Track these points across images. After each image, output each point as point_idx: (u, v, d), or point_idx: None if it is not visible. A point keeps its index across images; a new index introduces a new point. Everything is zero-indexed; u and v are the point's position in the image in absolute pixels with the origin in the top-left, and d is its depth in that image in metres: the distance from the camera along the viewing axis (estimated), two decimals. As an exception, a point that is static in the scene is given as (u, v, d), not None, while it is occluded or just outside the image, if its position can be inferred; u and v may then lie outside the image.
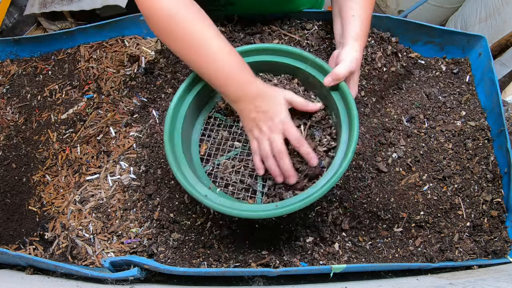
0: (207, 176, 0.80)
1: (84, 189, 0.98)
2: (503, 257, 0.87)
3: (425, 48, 1.08)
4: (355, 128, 0.70)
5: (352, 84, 0.78)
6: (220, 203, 0.71)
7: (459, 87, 1.04)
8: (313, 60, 0.78)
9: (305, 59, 0.80)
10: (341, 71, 0.74)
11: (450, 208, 0.90)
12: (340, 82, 0.75)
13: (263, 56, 0.82)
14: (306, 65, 0.80)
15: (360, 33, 0.78)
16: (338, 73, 0.74)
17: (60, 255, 0.91)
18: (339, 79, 0.74)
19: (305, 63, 0.80)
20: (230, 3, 0.97)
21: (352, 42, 0.77)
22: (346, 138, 0.73)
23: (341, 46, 0.80)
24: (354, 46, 0.77)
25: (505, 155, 0.91)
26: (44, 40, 1.16)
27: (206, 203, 0.70)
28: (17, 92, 1.14)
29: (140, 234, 0.89)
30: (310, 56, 0.78)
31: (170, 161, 0.73)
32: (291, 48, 0.80)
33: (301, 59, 0.80)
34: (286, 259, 0.82)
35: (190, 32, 0.68)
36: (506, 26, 1.62)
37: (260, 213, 0.69)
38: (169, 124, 0.76)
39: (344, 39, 0.80)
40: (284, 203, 0.70)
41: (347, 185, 0.89)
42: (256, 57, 0.82)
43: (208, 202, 0.70)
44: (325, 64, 0.77)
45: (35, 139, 1.07)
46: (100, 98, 1.09)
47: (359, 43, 0.77)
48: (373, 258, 0.86)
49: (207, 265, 0.82)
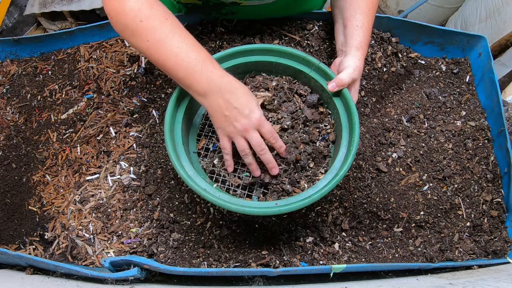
0: (203, 172, 0.80)
1: (84, 189, 0.98)
2: (503, 257, 0.87)
3: (425, 48, 1.08)
4: (356, 133, 0.72)
5: (353, 91, 0.80)
6: (220, 197, 0.71)
7: (459, 87, 1.04)
8: (317, 65, 0.79)
9: (309, 64, 0.81)
10: (345, 77, 0.76)
11: (450, 208, 0.90)
12: (343, 88, 0.77)
13: (266, 56, 0.83)
14: (310, 70, 0.81)
15: (362, 42, 0.80)
16: (342, 79, 0.76)
17: (60, 255, 0.91)
18: (343, 85, 0.76)
19: (309, 68, 0.81)
20: (232, 12, 0.98)
21: (355, 51, 0.79)
22: (346, 142, 0.75)
23: (343, 54, 0.82)
24: (357, 55, 0.79)
25: (505, 155, 0.91)
26: (44, 40, 1.16)
27: (205, 197, 0.70)
28: (17, 92, 1.14)
29: (140, 234, 0.89)
30: (315, 61, 0.79)
31: (169, 152, 0.72)
32: (296, 51, 0.81)
33: (305, 63, 0.81)
34: (286, 259, 0.82)
35: (153, 30, 0.67)
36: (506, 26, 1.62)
37: (259, 210, 0.69)
38: (170, 115, 0.75)
39: (346, 47, 0.81)
40: (284, 202, 0.71)
41: (347, 185, 0.89)
42: (259, 57, 0.83)
43: (207, 196, 0.70)
44: (329, 70, 0.79)
45: (35, 139, 1.07)
46: (100, 98, 1.09)
47: (361, 52, 0.79)
48: (373, 258, 0.86)
49: (207, 265, 0.82)
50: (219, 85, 0.68)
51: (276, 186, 0.75)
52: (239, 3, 0.91)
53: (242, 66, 0.83)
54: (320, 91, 0.82)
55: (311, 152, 0.78)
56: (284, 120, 0.79)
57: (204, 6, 0.97)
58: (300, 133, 0.79)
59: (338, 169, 0.72)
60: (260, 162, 0.75)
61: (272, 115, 0.79)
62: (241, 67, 0.83)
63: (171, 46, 0.68)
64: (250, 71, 0.86)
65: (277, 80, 0.84)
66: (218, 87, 0.68)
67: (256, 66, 0.84)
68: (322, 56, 1.00)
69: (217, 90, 0.68)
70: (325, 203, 0.87)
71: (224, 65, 0.81)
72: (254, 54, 0.82)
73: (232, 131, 0.70)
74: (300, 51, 0.82)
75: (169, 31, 0.68)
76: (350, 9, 0.82)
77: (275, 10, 0.97)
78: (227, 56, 0.81)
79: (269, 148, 0.73)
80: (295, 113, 0.81)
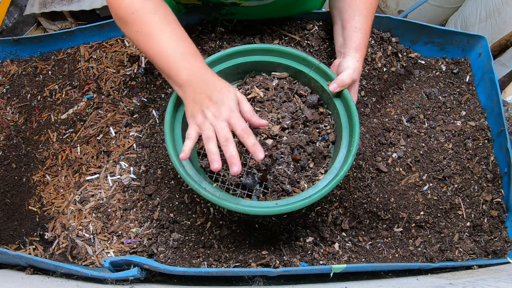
0: (203, 171, 0.79)
1: (84, 189, 0.98)
2: (503, 257, 0.87)
3: (425, 48, 1.08)
4: (356, 133, 0.73)
5: (352, 92, 0.80)
6: (220, 196, 0.71)
7: (459, 87, 1.04)
8: (317, 65, 0.80)
9: (309, 64, 0.81)
10: (346, 78, 0.76)
11: (450, 208, 0.90)
12: (344, 89, 0.77)
13: (267, 56, 0.83)
14: (310, 70, 0.81)
15: (361, 44, 0.80)
16: (343, 79, 0.76)
17: (60, 255, 0.91)
18: (344, 85, 0.77)
19: (309, 68, 0.81)
20: (231, 13, 0.98)
21: (354, 53, 0.79)
22: (346, 143, 0.75)
23: (342, 56, 0.82)
24: (356, 57, 0.79)
25: (505, 155, 0.91)
26: (44, 40, 1.16)
27: (205, 196, 0.69)
28: (17, 92, 1.14)
29: (140, 234, 0.89)
30: (315, 61, 0.80)
31: (170, 152, 0.71)
32: (296, 52, 0.81)
33: (305, 64, 0.82)
34: (286, 259, 0.82)
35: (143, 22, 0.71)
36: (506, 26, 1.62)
37: (259, 209, 0.69)
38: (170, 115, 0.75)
39: (345, 49, 0.82)
40: (284, 202, 0.71)
41: (347, 185, 0.89)
42: (259, 57, 0.83)
43: (207, 195, 0.69)
44: (329, 70, 0.79)
45: (35, 139, 1.07)
46: (100, 98, 1.09)
47: (360, 54, 0.80)
48: (373, 258, 0.86)
49: (207, 265, 0.82)
50: (197, 77, 0.69)
51: (276, 186, 0.75)
52: (239, 3, 0.91)
53: (242, 65, 0.83)
54: (320, 92, 0.82)
55: (311, 152, 0.78)
56: (284, 120, 0.79)
57: (204, 6, 0.98)
58: (300, 133, 0.79)
59: (338, 169, 0.72)
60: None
61: (272, 115, 0.79)
62: (241, 66, 0.83)
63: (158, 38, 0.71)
64: (250, 71, 0.86)
65: (277, 80, 0.84)
66: (196, 79, 0.69)
67: (256, 66, 0.84)
68: (322, 56, 1.00)
69: (195, 81, 0.69)
70: (325, 203, 0.87)
71: (224, 65, 0.82)
72: (254, 54, 0.82)
73: (201, 119, 0.69)
74: (300, 51, 0.82)
75: (158, 24, 0.71)
76: (349, 10, 0.83)
77: (274, 10, 0.97)
78: (227, 56, 0.81)
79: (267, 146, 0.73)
80: (295, 113, 0.81)
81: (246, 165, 0.77)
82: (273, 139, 0.78)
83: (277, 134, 0.78)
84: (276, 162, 0.76)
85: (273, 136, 0.78)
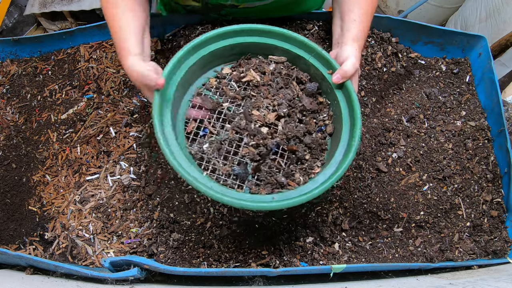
0: (192, 158, 0.72)
1: (84, 189, 0.98)
2: (503, 257, 0.87)
3: (425, 48, 1.08)
4: (358, 127, 0.68)
5: (354, 82, 0.77)
6: (211, 187, 0.65)
7: (459, 87, 1.04)
8: (319, 52, 0.74)
9: (310, 49, 0.76)
10: (350, 68, 0.72)
11: (450, 208, 0.90)
12: (347, 80, 0.73)
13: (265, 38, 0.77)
14: (310, 56, 0.76)
15: (359, 36, 0.77)
16: (346, 70, 0.72)
17: (60, 255, 0.91)
18: (347, 76, 0.73)
19: (309, 54, 0.76)
20: (231, 14, 0.98)
21: (352, 42, 0.76)
22: (347, 137, 0.70)
23: (339, 46, 0.79)
24: (354, 46, 0.76)
25: (505, 155, 0.92)
26: (44, 40, 1.16)
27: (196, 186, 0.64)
28: (17, 92, 1.14)
29: (140, 234, 0.89)
30: (316, 47, 0.74)
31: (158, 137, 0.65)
32: (297, 35, 0.76)
33: (305, 49, 0.76)
34: (286, 259, 0.82)
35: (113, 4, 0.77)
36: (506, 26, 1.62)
37: (255, 204, 0.64)
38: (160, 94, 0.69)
39: (343, 38, 0.79)
40: (282, 196, 0.66)
41: (347, 185, 0.89)
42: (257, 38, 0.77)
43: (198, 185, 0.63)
44: (330, 58, 0.74)
45: (35, 139, 1.07)
46: (100, 98, 1.09)
47: (358, 44, 0.77)
48: (373, 258, 0.86)
49: (207, 265, 0.82)
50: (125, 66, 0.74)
51: (270, 178, 0.70)
52: (238, 5, 0.91)
53: (237, 46, 0.77)
54: (320, 80, 0.77)
55: (310, 143, 0.73)
56: (280, 108, 0.73)
57: (203, 8, 0.98)
58: (296, 123, 0.74)
59: (338, 163, 0.68)
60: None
61: (268, 101, 0.75)
62: (236, 47, 0.77)
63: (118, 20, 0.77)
64: (245, 53, 0.80)
65: (274, 64, 0.79)
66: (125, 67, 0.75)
67: (252, 47, 0.79)
68: (322, 56, 1.00)
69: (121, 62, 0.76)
70: (325, 203, 0.87)
71: (218, 45, 0.76)
72: (251, 35, 0.77)
73: None
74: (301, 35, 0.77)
75: (121, 10, 0.77)
76: (349, 3, 0.81)
77: (274, 10, 0.97)
78: (221, 35, 0.75)
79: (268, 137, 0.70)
80: (292, 101, 0.75)
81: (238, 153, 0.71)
82: (268, 127, 0.72)
83: (272, 122, 0.72)
84: (271, 152, 0.71)
85: (269, 124, 0.73)
